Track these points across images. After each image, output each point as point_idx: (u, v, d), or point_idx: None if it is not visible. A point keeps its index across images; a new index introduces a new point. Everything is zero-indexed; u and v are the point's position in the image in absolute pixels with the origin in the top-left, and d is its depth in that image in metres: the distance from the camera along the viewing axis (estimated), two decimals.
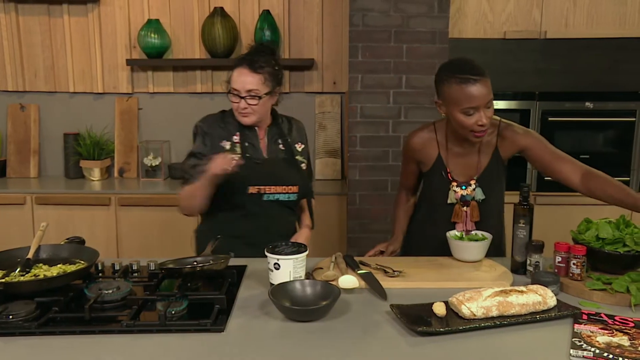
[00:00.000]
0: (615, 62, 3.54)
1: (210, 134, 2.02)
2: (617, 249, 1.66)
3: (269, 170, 2.02)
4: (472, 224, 1.94)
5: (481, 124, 1.77)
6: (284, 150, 2.07)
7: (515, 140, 1.91)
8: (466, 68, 1.77)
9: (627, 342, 1.30)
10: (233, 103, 1.98)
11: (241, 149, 2.00)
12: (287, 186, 2.03)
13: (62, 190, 3.30)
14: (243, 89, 1.94)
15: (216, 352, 1.29)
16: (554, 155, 1.89)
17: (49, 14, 3.52)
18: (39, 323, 1.38)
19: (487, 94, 1.76)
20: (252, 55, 1.98)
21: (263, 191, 2.00)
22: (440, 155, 1.95)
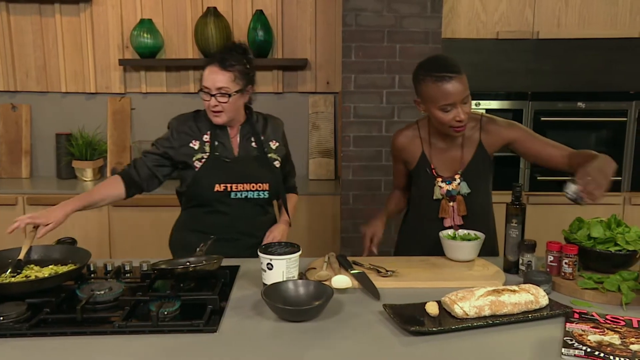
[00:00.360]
0: (607, 62, 3.56)
1: (179, 132, 2.03)
2: (608, 248, 1.67)
3: (238, 168, 2.02)
4: (459, 219, 1.96)
5: (459, 120, 1.82)
6: (256, 148, 2.07)
7: (500, 133, 1.94)
8: (441, 66, 1.80)
9: (618, 340, 1.31)
10: (204, 101, 1.98)
11: (210, 148, 2.01)
12: (256, 184, 2.03)
13: (54, 191, 3.28)
14: (213, 87, 1.94)
15: (209, 352, 1.29)
16: (542, 144, 1.93)
17: (41, 14, 3.50)
18: (30, 324, 1.37)
19: (462, 90, 1.79)
20: (223, 53, 1.98)
21: (230, 189, 2.00)
22: (424, 152, 1.99)
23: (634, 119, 3.23)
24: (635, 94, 3.23)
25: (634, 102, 3.22)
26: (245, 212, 2.04)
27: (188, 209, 2.12)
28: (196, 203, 2.06)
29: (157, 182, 2.08)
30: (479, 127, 1.95)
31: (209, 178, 2.00)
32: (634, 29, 3.24)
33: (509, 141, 1.94)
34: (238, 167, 2.03)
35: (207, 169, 2.00)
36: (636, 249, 1.65)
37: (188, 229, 2.10)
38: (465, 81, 1.81)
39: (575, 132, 3.28)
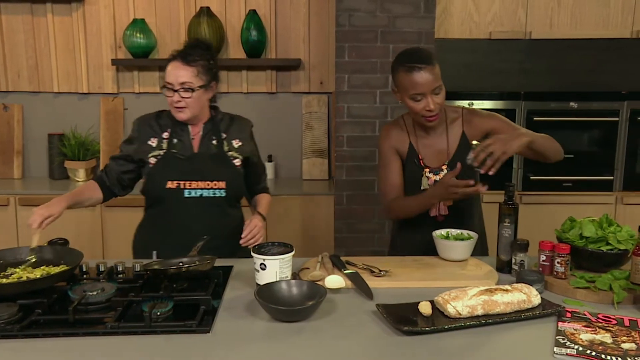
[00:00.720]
0: (599, 63, 3.58)
1: (140, 131, 2.03)
2: (600, 248, 1.68)
3: (193, 166, 1.99)
4: (445, 208, 1.99)
5: (429, 109, 1.88)
6: (216, 146, 2.04)
7: (480, 124, 1.99)
8: (413, 56, 1.87)
9: (609, 339, 1.31)
10: (167, 98, 1.96)
11: (167, 145, 2.00)
12: (212, 181, 1.99)
13: (46, 192, 3.26)
14: (176, 82, 1.92)
15: (202, 353, 1.29)
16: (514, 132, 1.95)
17: (32, 13, 3.48)
18: (21, 326, 1.37)
19: (432, 81, 1.84)
20: (186, 49, 1.98)
21: (183, 186, 1.97)
22: (412, 144, 2.03)
23: (625, 118, 3.25)
24: (627, 94, 3.25)
25: (626, 102, 3.24)
26: (201, 213, 1.99)
27: (147, 209, 2.10)
28: (153, 202, 2.04)
29: (127, 186, 2.08)
30: (461, 119, 2.01)
31: (161, 175, 1.97)
32: (626, 29, 3.26)
33: (488, 130, 1.98)
34: (193, 164, 1.99)
35: (161, 165, 1.98)
36: (627, 248, 1.65)
37: (146, 230, 2.09)
38: (437, 72, 1.86)
39: (568, 132, 3.30)
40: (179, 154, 2.00)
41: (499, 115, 2.03)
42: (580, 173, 3.29)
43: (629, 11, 3.25)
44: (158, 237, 2.00)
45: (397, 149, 2.05)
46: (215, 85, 2.03)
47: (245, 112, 3.59)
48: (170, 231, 1.99)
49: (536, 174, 3.28)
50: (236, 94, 3.60)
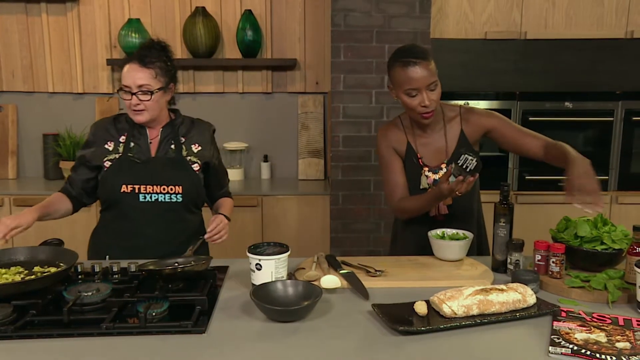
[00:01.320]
0: (594, 63, 3.60)
1: (96, 135, 2.01)
2: (595, 247, 1.68)
3: (149, 170, 1.95)
4: (444, 207, 1.98)
5: (424, 105, 1.86)
6: (174, 150, 2.00)
7: (479, 122, 1.98)
8: (407, 52, 1.87)
9: (604, 338, 1.32)
10: (125, 101, 1.93)
11: (124, 149, 1.97)
12: (168, 186, 1.95)
13: (41, 192, 3.25)
14: (134, 85, 1.89)
15: (197, 353, 1.28)
16: (518, 132, 1.96)
17: (27, 13, 3.47)
18: (15, 327, 1.36)
19: (427, 76, 1.83)
20: (142, 51, 1.94)
21: (138, 190, 1.94)
22: (410, 143, 2.01)
23: (620, 118, 3.26)
24: (621, 94, 3.27)
25: (620, 102, 3.25)
26: (156, 217, 1.96)
27: (102, 212, 2.06)
28: (107, 206, 2.01)
29: (92, 194, 2.05)
30: (459, 118, 2.00)
31: (116, 178, 1.94)
32: (620, 29, 3.27)
33: (487, 129, 1.98)
34: (150, 168, 1.96)
35: (115, 169, 1.95)
36: (622, 247, 1.66)
37: (101, 233, 2.05)
38: (433, 68, 1.85)
39: (563, 132, 3.31)
40: (135, 157, 1.96)
41: (497, 113, 2.02)
42: None
43: (623, 12, 3.26)
44: (113, 240, 1.98)
45: (395, 149, 2.03)
46: (173, 86, 2.00)
47: (241, 113, 3.62)
48: (125, 235, 1.96)
49: (531, 173, 3.29)
50: (232, 94, 3.60)
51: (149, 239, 1.94)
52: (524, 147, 1.96)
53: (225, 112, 3.57)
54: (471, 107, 2.06)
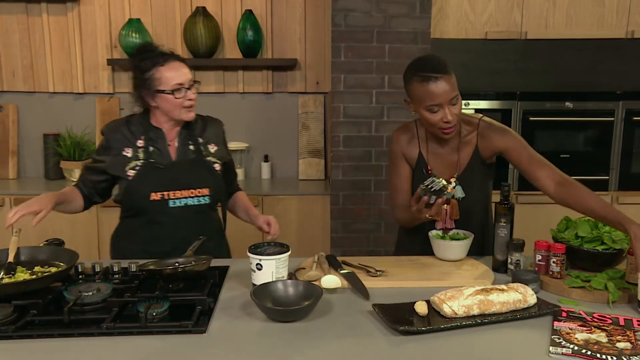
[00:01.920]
0: (594, 63, 3.59)
1: (111, 142, 1.97)
2: (595, 247, 1.68)
3: (174, 175, 1.94)
4: (451, 222, 1.92)
5: (446, 121, 1.78)
6: (194, 152, 2.00)
7: (493, 140, 1.90)
8: (428, 66, 1.77)
9: (604, 338, 1.32)
10: (176, 99, 1.90)
11: (144, 154, 1.95)
12: (195, 189, 1.95)
13: (41, 192, 3.20)
14: (187, 80, 1.91)
15: (198, 353, 1.28)
16: (531, 159, 1.85)
17: (27, 13, 3.47)
18: (16, 326, 1.36)
19: (449, 91, 1.75)
20: (165, 53, 1.95)
21: (167, 197, 1.92)
22: (421, 153, 1.96)
23: (621, 118, 3.26)
24: (622, 94, 3.26)
25: (621, 102, 3.25)
26: (186, 221, 1.95)
27: (125, 218, 2.04)
28: (132, 213, 1.98)
29: (104, 195, 2.05)
30: (476, 131, 1.92)
31: (144, 187, 1.91)
32: (621, 29, 3.27)
33: (500, 150, 1.90)
34: (175, 173, 1.94)
35: (141, 177, 1.92)
36: (622, 247, 1.66)
37: (127, 240, 2.02)
38: (454, 82, 1.77)
39: (563, 132, 3.31)
40: (158, 163, 1.94)
41: (515, 133, 1.91)
42: (575, 173, 3.24)
43: (624, 12, 3.26)
44: (139, 246, 1.95)
45: (405, 156, 1.98)
46: None
47: (241, 112, 3.62)
48: (154, 241, 1.94)
49: None
50: (232, 94, 3.60)
51: (178, 242, 1.89)
52: (534, 177, 1.84)
53: (226, 112, 3.55)
54: (490, 121, 1.93)
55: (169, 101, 1.91)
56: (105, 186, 2.03)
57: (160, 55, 1.93)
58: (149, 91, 1.92)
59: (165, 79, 1.89)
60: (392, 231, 2.29)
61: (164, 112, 1.95)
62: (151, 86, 1.90)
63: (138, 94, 1.96)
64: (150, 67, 1.90)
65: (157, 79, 1.90)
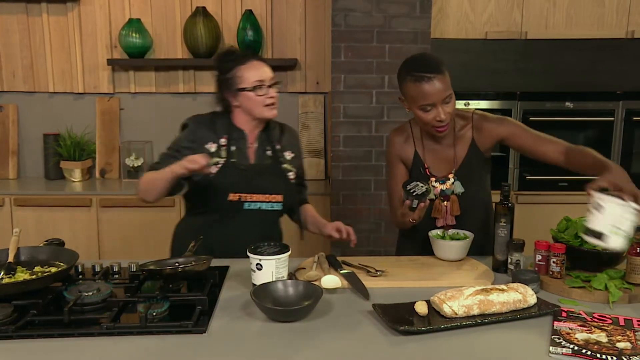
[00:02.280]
0: (594, 63, 3.59)
1: (196, 134, 1.96)
2: (595, 247, 1.68)
3: (251, 177, 1.95)
4: (452, 218, 1.92)
5: (439, 120, 1.80)
6: (271, 157, 2.02)
7: (492, 130, 1.91)
8: (421, 65, 1.78)
9: (604, 338, 1.32)
10: (258, 97, 1.91)
11: (227, 153, 1.96)
12: (270, 194, 1.97)
13: (42, 192, 3.25)
14: (268, 78, 1.93)
15: (198, 353, 1.28)
16: (535, 139, 1.89)
17: (27, 13, 3.47)
18: (16, 326, 1.36)
19: (442, 90, 1.76)
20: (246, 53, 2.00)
21: (244, 199, 1.94)
22: (417, 152, 1.96)
23: (621, 118, 3.26)
24: (622, 94, 3.26)
25: (621, 102, 3.25)
26: (257, 225, 1.96)
27: (192, 215, 2.03)
28: (204, 210, 1.97)
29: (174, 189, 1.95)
30: (471, 125, 1.93)
31: (223, 186, 1.92)
32: (621, 29, 3.27)
33: (502, 138, 1.91)
34: (252, 176, 1.95)
35: (223, 176, 1.92)
36: None
37: (189, 236, 1.92)
38: (447, 80, 1.78)
39: (564, 132, 3.27)
40: (239, 163, 1.95)
41: (510, 119, 1.95)
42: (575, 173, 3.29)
43: (624, 12, 3.26)
44: (207, 247, 1.90)
45: (401, 157, 1.99)
46: None
47: None
48: (221, 240, 1.93)
49: (532, 173, 3.29)
50: None
51: (244, 244, 1.81)
52: (543, 154, 1.88)
53: None
54: (484, 113, 1.96)
55: (251, 99, 1.92)
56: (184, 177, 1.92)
57: (241, 56, 1.97)
58: (230, 91, 1.94)
59: (246, 77, 1.91)
60: (392, 231, 2.29)
61: (246, 110, 1.96)
62: (233, 85, 1.93)
63: (220, 95, 1.98)
64: (232, 67, 1.93)
65: (238, 78, 1.92)
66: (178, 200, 3.15)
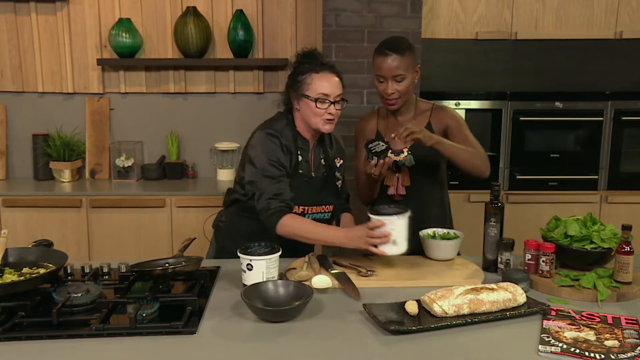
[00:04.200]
0: (584, 63, 3.61)
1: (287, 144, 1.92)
2: (584, 246, 1.69)
3: (313, 190, 1.95)
4: (402, 188, 2.09)
5: (387, 93, 2.03)
6: (324, 166, 2.03)
7: (444, 119, 2.12)
8: (386, 43, 2.05)
9: (593, 336, 1.33)
10: (317, 109, 1.88)
11: (295, 163, 1.93)
12: (325, 205, 1.98)
13: (31, 192, 3.22)
14: (333, 94, 1.89)
15: (188, 354, 1.28)
16: (462, 139, 2.05)
17: (16, 12, 3.44)
18: (4, 328, 1.35)
19: (394, 68, 1.99)
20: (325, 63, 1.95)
21: (307, 212, 1.93)
22: (379, 130, 2.17)
23: (610, 118, 3.28)
24: (611, 94, 3.29)
25: (610, 102, 3.27)
26: None
27: (245, 218, 1.98)
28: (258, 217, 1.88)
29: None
30: (430, 112, 2.15)
31: (292, 197, 1.88)
32: (609, 30, 3.29)
33: (445, 127, 2.11)
34: (315, 188, 1.96)
35: (292, 187, 1.89)
36: (611, 246, 1.67)
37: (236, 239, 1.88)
38: (405, 63, 1.99)
39: (553, 132, 3.33)
40: (304, 175, 1.95)
41: (459, 117, 2.15)
42: (565, 172, 3.32)
43: (612, 13, 3.28)
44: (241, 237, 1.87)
45: (366, 137, 2.15)
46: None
47: (232, 112, 3.61)
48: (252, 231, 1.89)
49: (522, 173, 3.31)
50: (223, 94, 3.59)
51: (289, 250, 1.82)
52: None
53: (217, 112, 3.56)
54: (443, 105, 2.23)
55: (310, 108, 1.90)
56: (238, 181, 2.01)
57: (320, 64, 1.95)
58: (296, 93, 1.94)
59: (313, 86, 1.89)
60: None
61: (304, 117, 1.95)
62: (299, 89, 1.92)
63: (287, 93, 1.99)
64: (306, 72, 1.93)
65: (307, 84, 1.91)
66: (169, 200, 3.14)
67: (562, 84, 3.55)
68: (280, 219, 1.80)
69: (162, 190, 3.23)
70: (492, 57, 3.58)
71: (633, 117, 3.28)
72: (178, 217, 3.16)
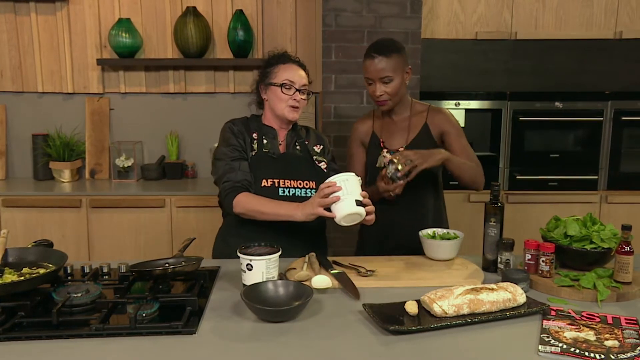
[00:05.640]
0: (583, 63, 3.62)
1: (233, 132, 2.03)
2: (584, 246, 1.69)
3: (284, 165, 2.01)
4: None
5: (376, 95, 2.05)
6: (300, 150, 2.08)
7: (440, 122, 2.13)
8: (374, 45, 2.07)
9: (593, 337, 1.33)
10: (282, 94, 1.99)
11: (258, 145, 2.02)
12: (303, 181, 2.00)
13: (30, 193, 3.23)
14: (299, 82, 2.01)
15: (188, 354, 1.28)
16: (461, 148, 2.08)
17: (15, 12, 3.44)
18: (3, 328, 1.35)
19: (381, 70, 2.01)
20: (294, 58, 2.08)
21: (277, 185, 1.97)
22: (374, 131, 2.19)
23: (609, 118, 3.29)
24: (610, 94, 3.29)
25: (610, 102, 3.28)
26: None
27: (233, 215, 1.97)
28: None
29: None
30: (426, 113, 2.16)
31: (255, 173, 1.96)
32: (609, 30, 3.30)
33: (442, 131, 2.12)
34: (285, 163, 2.01)
35: (255, 164, 1.98)
36: (611, 246, 1.67)
37: (231, 234, 2.02)
38: (392, 64, 2.01)
39: (553, 132, 3.33)
40: (271, 152, 2.02)
41: (456, 122, 2.15)
42: (565, 172, 3.32)
43: (612, 12, 3.28)
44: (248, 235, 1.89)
45: (362, 140, 2.22)
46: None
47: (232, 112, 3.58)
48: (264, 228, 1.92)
49: (522, 173, 3.31)
50: (223, 94, 3.59)
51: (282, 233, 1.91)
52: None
53: (217, 112, 3.56)
54: (440, 107, 2.21)
55: (276, 94, 2.01)
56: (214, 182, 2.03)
57: (288, 57, 2.08)
58: (263, 83, 2.05)
59: (280, 74, 2.01)
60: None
61: (271, 106, 2.04)
62: (266, 78, 2.04)
63: (257, 85, 2.09)
64: (273, 63, 2.05)
65: (273, 73, 2.03)
66: (168, 200, 3.14)
67: (561, 84, 3.55)
68: (235, 197, 1.90)
69: (162, 190, 3.23)
70: (491, 57, 3.59)
71: (633, 117, 3.28)
72: (178, 217, 3.16)
